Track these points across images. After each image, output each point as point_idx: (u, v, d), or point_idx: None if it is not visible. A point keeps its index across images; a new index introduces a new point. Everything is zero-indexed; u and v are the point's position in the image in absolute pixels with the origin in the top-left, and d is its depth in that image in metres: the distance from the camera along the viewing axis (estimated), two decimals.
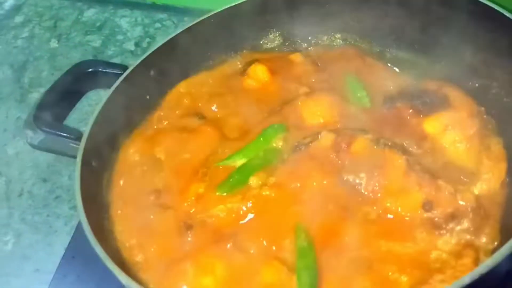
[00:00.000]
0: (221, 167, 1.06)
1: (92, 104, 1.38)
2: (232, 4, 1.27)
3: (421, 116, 1.08)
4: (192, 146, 1.13)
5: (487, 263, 0.70)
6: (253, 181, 1.03)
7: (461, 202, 0.88)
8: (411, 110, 1.09)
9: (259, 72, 1.26)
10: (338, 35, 1.34)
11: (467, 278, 0.69)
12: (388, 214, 0.93)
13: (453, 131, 1.03)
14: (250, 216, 0.98)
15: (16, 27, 1.63)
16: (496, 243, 0.85)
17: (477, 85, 1.10)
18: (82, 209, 0.90)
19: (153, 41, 1.19)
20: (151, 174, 1.09)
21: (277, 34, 1.36)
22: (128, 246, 0.97)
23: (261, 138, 1.11)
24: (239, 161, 1.08)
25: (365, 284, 0.84)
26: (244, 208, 0.98)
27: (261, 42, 1.36)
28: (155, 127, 1.20)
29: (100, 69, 1.18)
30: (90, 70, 1.18)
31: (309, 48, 1.35)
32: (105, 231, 0.98)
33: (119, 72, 1.17)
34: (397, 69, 1.25)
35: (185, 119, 1.19)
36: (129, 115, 1.16)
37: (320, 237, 0.92)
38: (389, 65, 1.25)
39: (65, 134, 1.07)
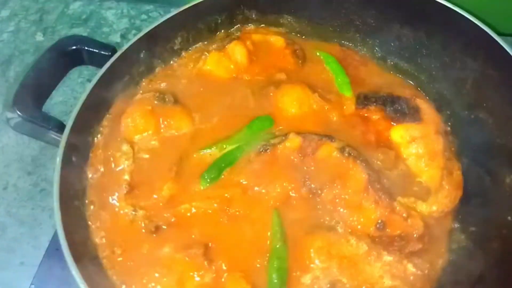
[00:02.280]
0: (190, 166, 1.07)
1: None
2: None
3: (391, 122, 1.10)
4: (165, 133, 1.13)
5: None
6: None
7: (411, 227, 0.94)
8: (382, 114, 1.10)
9: (237, 52, 1.21)
10: None
11: None
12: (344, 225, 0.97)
13: (419, 144, 1.06)
14: (218, 219, 1.00)
15: (2, 21, 1.61)
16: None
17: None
18: (58, 209, 0.91)
19: (139, 32, 1.17)
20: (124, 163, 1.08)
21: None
22: (99, 243, 1.00)
23: (247, 130, 1.11)
24: (220, 151, 1.09)
25: None
26: (209, 207, 1.01)
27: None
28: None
29: (85, 48, 1.13)
30: (74, 47, 1.13)
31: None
32: (79, 228, 1.00)
33: (107, 54, 1.12)
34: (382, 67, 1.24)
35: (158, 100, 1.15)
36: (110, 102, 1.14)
37: None
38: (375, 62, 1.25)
39: (44, 124, 1.05)
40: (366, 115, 1.13)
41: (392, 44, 1.23)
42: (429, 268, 0.93)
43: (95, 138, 1.12)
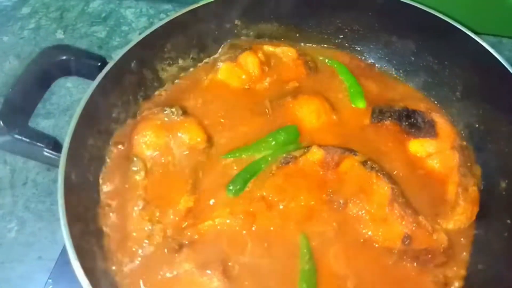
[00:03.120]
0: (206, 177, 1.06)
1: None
2: None
3: (407, 137, 1.12)
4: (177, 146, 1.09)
5: None
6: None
7: (436, 242, 0.96)
8: (397, 128, 1.12)
9: (249, 63, 1.21)
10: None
11: None
12: (370, 239, 0.98)
13: (434, 160, 1.08)
14: (242, 233, 0.99)
15: (23, 18, 1.61)
16: (460, 282, 0.95)
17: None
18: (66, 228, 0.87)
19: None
20: (136, 180, 1.05)
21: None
22: (116, 260, 0.97)
23: (273, 139, 1.10)
24: (244, 157, 1.08)
25: None
26: (233, 224, 0.99)
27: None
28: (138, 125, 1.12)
29: (72, 58, 1.09)
30: (61, 58, 1.09)
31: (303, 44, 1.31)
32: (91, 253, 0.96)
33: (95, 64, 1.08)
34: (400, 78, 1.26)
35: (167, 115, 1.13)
36: (110, 114, 1.11)
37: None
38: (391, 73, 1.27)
39: (35, 142, 1.00)
40: (383, 130, 1.14)
41: (392, 54, 1.26)
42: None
43: (106, 156, 1.09)
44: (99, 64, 1.09)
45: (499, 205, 1.02)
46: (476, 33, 1.10)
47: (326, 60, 1.27)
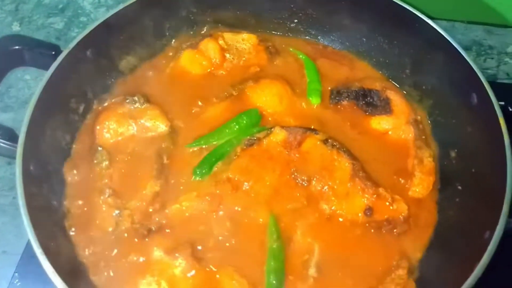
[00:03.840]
0: (172, 163, 1.07)
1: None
2: None
3: (365, 115, 1.16)
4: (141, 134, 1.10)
5: None
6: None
7: (396, 211, 1.00)
8: (356, 108, 1.17)
9: (210, 49, 1.22)
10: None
11: None
12: (335, 214, 1.01)
13: (393, 135, 1.13)
14: (209, 215, 1.00)
15: None
16: (423, 252, 0.99)
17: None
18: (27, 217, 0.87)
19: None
20: (101, 169, 1.05)
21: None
22: (83, 254, 0.96)
23: (236, 123, 1.11)
24: (207, 145, 1.09)
25: None
26: (200, 206, 1.00)
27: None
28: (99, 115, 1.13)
29: (25, 48, 1.07)
30: (14, 48, 1.06)
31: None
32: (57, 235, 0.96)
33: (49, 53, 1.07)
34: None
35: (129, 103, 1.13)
36: (67, 104, 1.09)
37: None
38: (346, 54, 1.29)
39: None
40: (341, 110, 1.18)
41: (345, 36, 1.30)
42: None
43: (68, 147, 1.08)
44: (53, 53, 1.07)
45: (451, 173, 1.07)
46: (430, 17, 1.14)
47: (290, 49, 1.29)
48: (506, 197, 0.86)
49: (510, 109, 1.07)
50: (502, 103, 1.01)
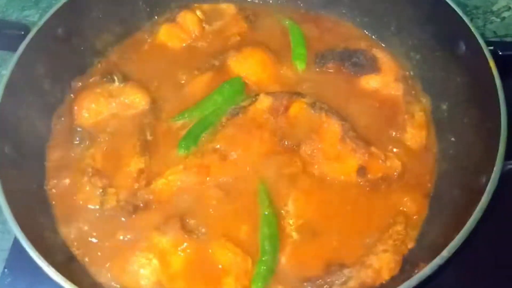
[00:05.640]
0: (156, 138, 1.03)
1: None
2: None
3: (353, 75, 1.12)
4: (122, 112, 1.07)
5: None
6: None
7: (390, 168, 0.97)
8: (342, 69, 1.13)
9: (188, 21, 1.19)
10: None
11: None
12: (327, 176, 0.99)
13: (382, 93, 1.10)
14: (197, 187, 0.97)
15: None
16: (420, 209, 0.95)
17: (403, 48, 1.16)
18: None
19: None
20: (83, 150, 1.02)
21: None
22: (67, 233, 0.93)
23: (218, 94, 1.08)
24: (191, 119, 1.06)
25: None
26: (187, 179, 0.97)
27: None
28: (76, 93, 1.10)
29: None
30: None
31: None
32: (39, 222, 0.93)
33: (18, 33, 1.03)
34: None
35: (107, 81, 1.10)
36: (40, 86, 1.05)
37: None
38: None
39: None
40: (328, 71, 1.14)
41: None
42: None
43: (47, 129, 1.05)
44: (22, 32, 1.03)
45: (444, 126, 1.05)
46: None
47: (274, 15, 1.24)
48: (501, 139, 0.83)
49: (500, 53, 1.05)
50: (491, 47, 0.97)
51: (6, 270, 1.05)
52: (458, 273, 0.95)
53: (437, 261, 0.75)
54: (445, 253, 0.75)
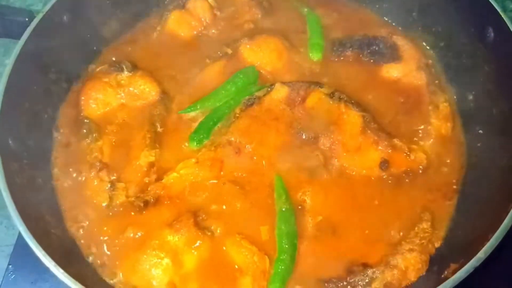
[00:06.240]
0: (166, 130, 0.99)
1: None
2: None
3: (373, 64, 1.07)
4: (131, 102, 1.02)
5: None
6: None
7: (414, 162, 0.92)
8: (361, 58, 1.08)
9: (199, 8, 1.13)
10: None
11: None
12: (347, 170, 0.94)
13: (404, 82, 1.04)
14: (210, 182, 0.92)
15: None
16: (447, 206, 0.91)
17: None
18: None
19: None
20: (90, 142, 0.97)
21: None
22: (76, 227, 0.89)
23: (231, 84, 1.03)
24: (204, 110, 1.01)
25: None
26: (200, 173, 0.92)
27: None
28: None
29: None
30: None
31: None
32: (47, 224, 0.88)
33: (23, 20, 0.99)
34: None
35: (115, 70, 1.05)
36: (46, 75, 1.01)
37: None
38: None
39: None
40: (346, 60, 1.09)
41: None
42: None
43: (52, 120, 1.00)
44: (27, 19, 0.99)
45: (470, 118, 1.00)
46: None
47: (293, 2, 1.19)
48: None
49: None
50: None
51: (10, 266, 1.02)
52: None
53: (473, 263, 0.70)
54: (482, 255, 0.70)
